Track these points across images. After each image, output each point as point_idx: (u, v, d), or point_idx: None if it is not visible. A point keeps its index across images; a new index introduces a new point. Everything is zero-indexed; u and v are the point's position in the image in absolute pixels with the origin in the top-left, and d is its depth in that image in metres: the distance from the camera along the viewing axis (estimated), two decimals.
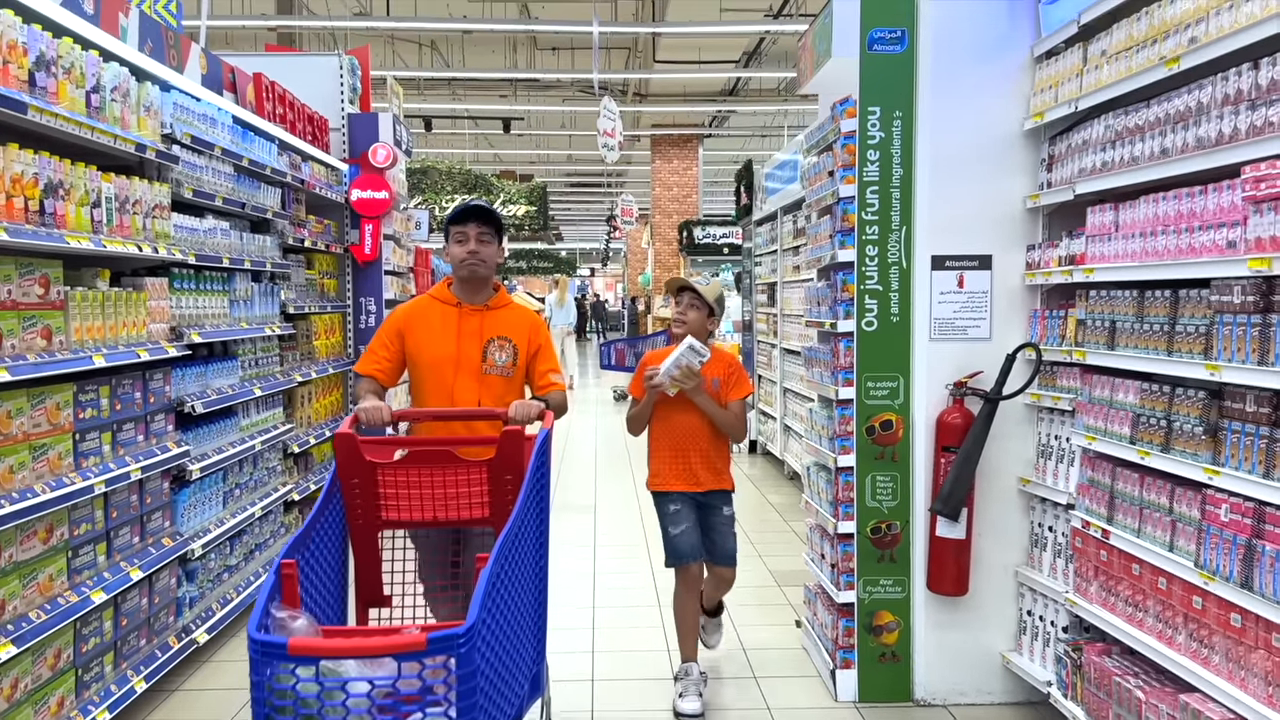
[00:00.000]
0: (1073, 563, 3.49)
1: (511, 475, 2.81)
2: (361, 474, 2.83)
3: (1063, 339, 3.55)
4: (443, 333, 3.34)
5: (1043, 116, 3.61)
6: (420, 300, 3.48)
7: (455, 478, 2.82)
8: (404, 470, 2.84)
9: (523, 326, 3.42)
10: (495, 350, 3.35)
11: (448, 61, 16.26)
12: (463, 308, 3.37)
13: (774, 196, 9.17)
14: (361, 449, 2.81)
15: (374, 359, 3.39)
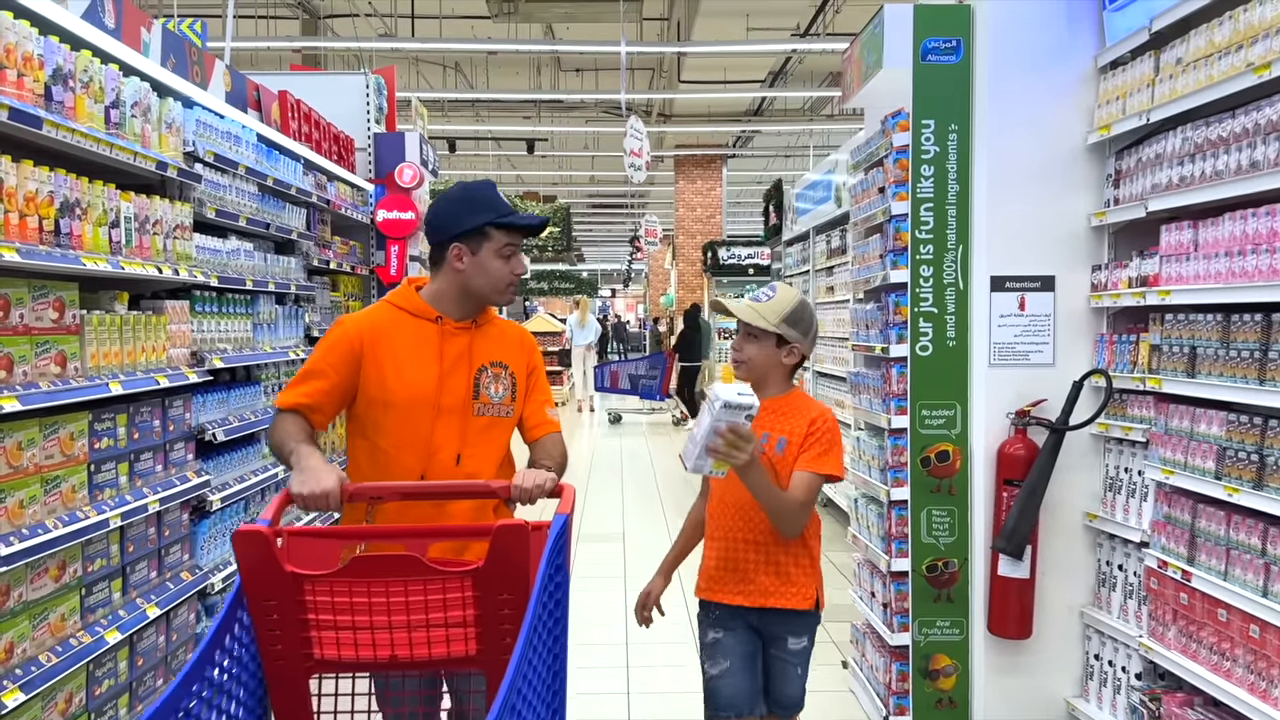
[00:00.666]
0: (1146, 605, 3.26)
1: (511, 591, 1.86)
2: (280, 592, 1.89)
3: (1134, 365, 3.33)
4: (419, 358, 2.44)
5: (1109, 129, 3.41)
6: (380, 311, 2.53)
7: (425, 597, 1.86)
8: (346, 586, 1.87)
9: (518, 346, 2.60)
10: (490, 382, 2.49)
11: (472, 83, 16.20)
12: (444, 324, 2.48)
13: (805, 217, 8.98)
14: (279, 555, 1.92)
15: (307, 388, 2.43)
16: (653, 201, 27.68)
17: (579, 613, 5.54)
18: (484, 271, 2.47)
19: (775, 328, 2.64)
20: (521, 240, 2.52)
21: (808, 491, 2.58)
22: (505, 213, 2.47)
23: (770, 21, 12.80)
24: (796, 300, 2.67)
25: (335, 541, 2.13)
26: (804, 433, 2.62)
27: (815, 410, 2.68)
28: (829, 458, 2.61)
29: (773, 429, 2.65)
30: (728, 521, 2.70)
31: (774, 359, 2.69)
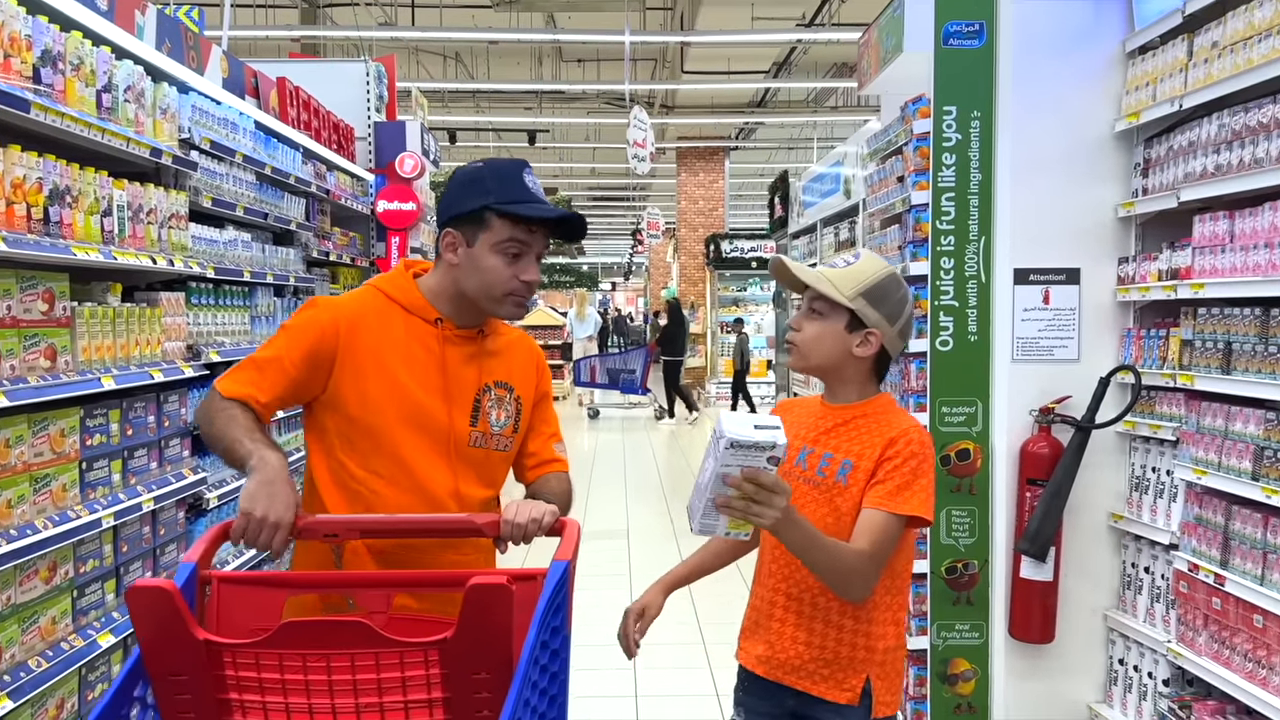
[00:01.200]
0: (1175, 609, 3.15)
1: (488, 668, 1.44)
2: (191, 665, 1.46)
3: (1163, 361, 3.22)
4: (415, 369, 1.97)
5: (1138, 116, 3.29)
6: (365, 299, 2.03)
7: (378, 674, 1.45)
8: (276, 659, 1.44)
9: (528, 366, 2.12)
10: (493, 406, 2.01)
11: (472, 74, 16.05)
12: (445, 328, 1.99)
13: (811, 209, 8.85)
14: (189, 618, 1.46)
15: (264, 380, 1.95)
16: (654, 194, 27.54)
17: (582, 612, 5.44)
18: (477, 269, 1.92)
19: (849, 301, 1.95)
20: (535, 239, 1.94)
21: (877, 540, 1.86)
22: (513, 197, 1.89)
23: (775, 11, 12.66)
24: (886, 272, 1.99)
25: (280, 592, 1.68)
26: (878, 455, 1.92)
27: (899, 425, 1.96)
28: (912, 492, 1.88)
29: (837, 448, 1.99)
30: (767, 557, 2.10)
31: (841, 347, 1.98)
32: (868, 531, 1.87)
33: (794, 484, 1.95)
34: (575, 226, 1.99)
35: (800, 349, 2.02)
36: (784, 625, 2.01)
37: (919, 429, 1.98)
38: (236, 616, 1.62)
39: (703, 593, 5.10)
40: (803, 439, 2.05)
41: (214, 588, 1.63)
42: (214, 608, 1.63)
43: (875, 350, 1.99)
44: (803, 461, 2.02)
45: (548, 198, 2.03)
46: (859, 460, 1.95)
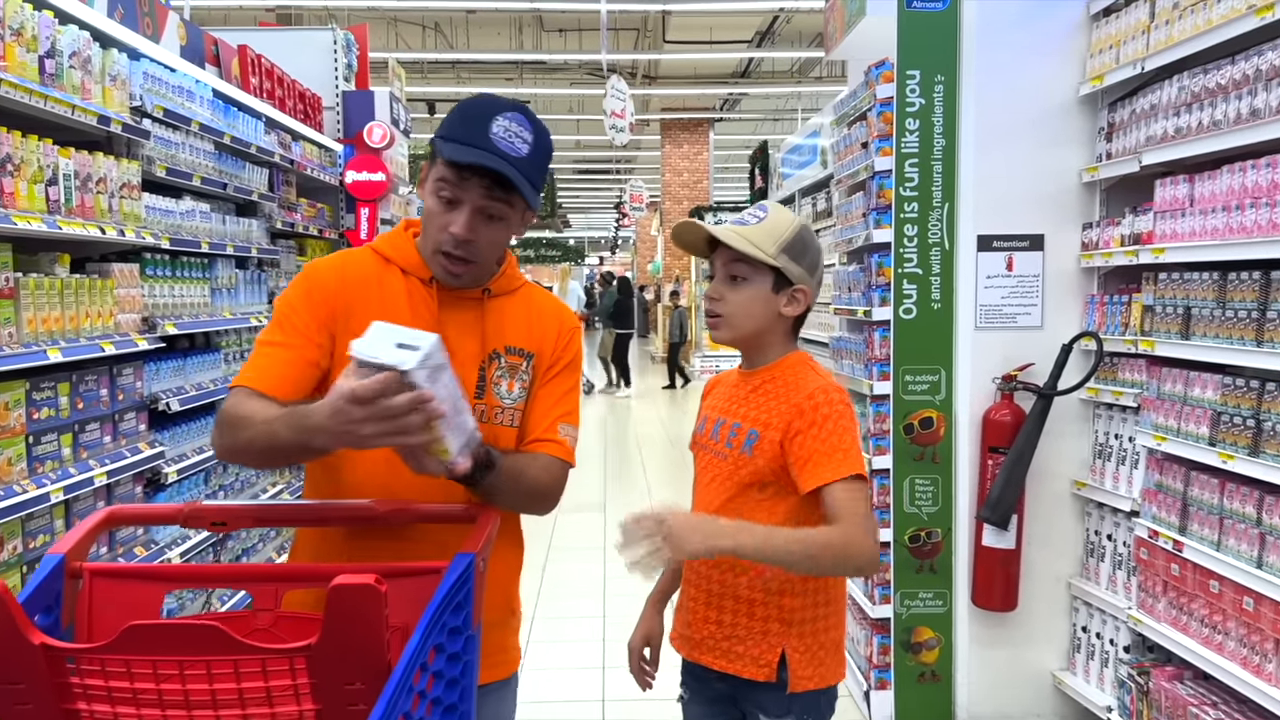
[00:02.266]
0: (1136, 576, 3.15)
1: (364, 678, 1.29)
2: (30, 673, 1.31)
3: (1126, 327, 3.19)
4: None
5: (1101, 80, 3.25)
6: (362, 261, 1.79)
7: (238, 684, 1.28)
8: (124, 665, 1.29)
9: (552, 328, 1.82)
10: (502, 376, 1.76)
11: (452, 44, 15.87)
12: (442, 289, 1.75)
13: (789, 180, 8.79)
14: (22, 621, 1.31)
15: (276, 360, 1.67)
16: (639, 166, 27.37)
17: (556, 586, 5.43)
18: (424, 210, 1.73)
19: (773, 259, 1.82)
20: (467, 190, 1.65)
21: (845, 509, 1.72)
22: (456, 135, 1.64)
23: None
24: (799, 223, 1.88)
25: (160, 586, 1.54)
26: (788, 422, 1.78)
27: (804, 388, 1.81)
28: (844, 452, 1.75)
29: (745, 416, 1.86)
30: None
31: (770, 310, 1.85)
32: (834, 510, 1.74)
33: (706, 458, 1.93)
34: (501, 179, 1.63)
35: (727, 320, 1.88)
36: (695, 604, 1.93)
37: (826, 388, 1.82)
38: (112, 614, 1.47)
39: None
40: (719, 411, 1.96)
41: (87, 582, 1.48)
42: (85, 605, 1.49)
43: (801, 309, 1.88)
44: (715, 434, 1.93)
45: None
46: (765, 430, 1.82)
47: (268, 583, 1.50)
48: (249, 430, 1.54)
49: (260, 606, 1.48)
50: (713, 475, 1.91)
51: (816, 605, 1.89)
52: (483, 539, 1.46)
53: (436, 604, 1.33)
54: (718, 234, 1.86)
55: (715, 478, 1.90)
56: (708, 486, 1.93)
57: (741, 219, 1.88)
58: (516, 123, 1.66)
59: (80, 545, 1.49)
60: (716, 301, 1.89)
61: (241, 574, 1.62)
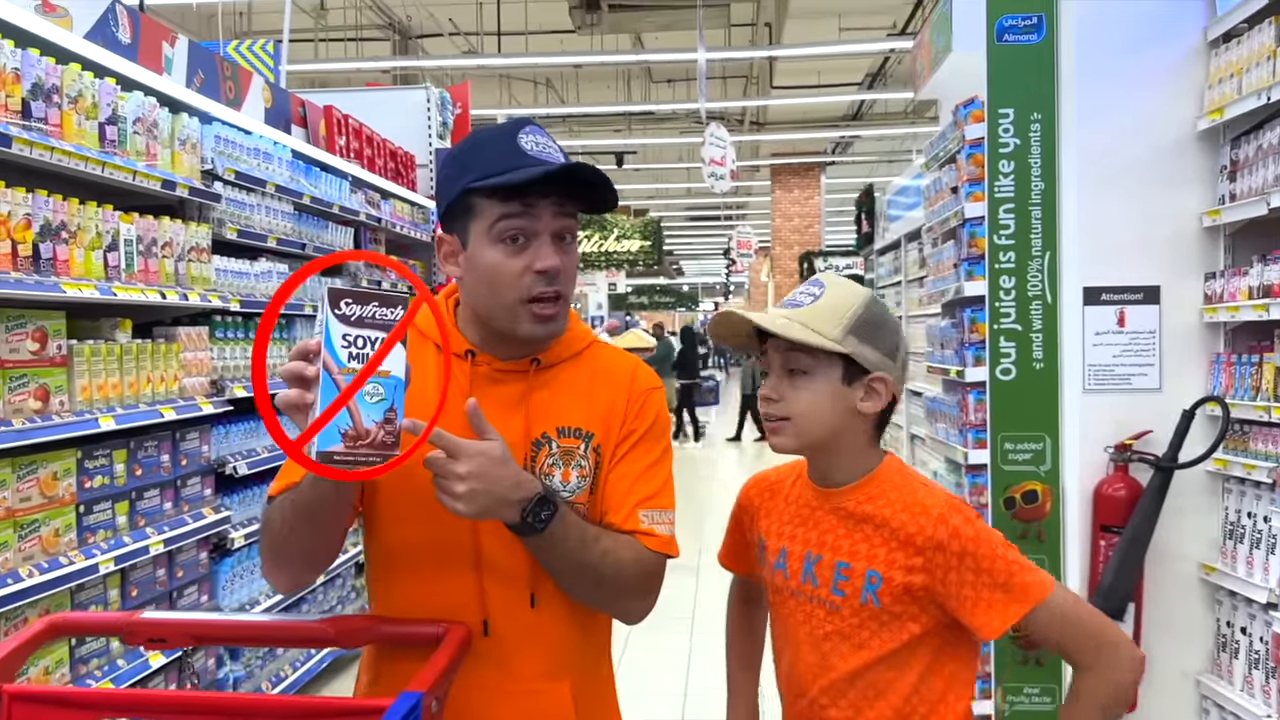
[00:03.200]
0: (1276, 678, 2.73)
1: None
2: None
3: (1257, 391, 2.80)
4: (451, 417, 1.33)
5: (1221, 113, 2.89)
6: None
7: None
8: None
9: (615, 397, 1.52)
10: (555, 465, 1.46)
11: (563, 98, 16.08)
12: (480, 362, 1.48)
13: (896, 224, 8.46)
14: None
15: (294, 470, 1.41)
16: (751, 212, 27.20)
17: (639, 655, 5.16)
18: (479, 275, 1.43)
19: (839, 344, 1.49)
20: (541, 213, 1.41)
21: (1068, 627, 1.48)
22: (497, 166, 1.39)
23: (864, 21, 12.26)
24: (866, 297, 1.54)
25: (88, 715, 1.34)
26: (926, 559, 1.46)
27: (929, 511, 1.48)
28: (1022, 579, 1.46)
29: (853, 553, 1.51)
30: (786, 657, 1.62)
31: (844, 407, 1.51)
32: (1052, 634, 1.48)
33: (802, 608, 1.54)
34: (588, 182, 1.42)
35: (793, 424, 1.51)
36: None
37: (952, 505, 1.49)
38: None
39: None
40: (802, 541, 1.56)
41: (4, 707, 1.30)
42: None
43: (886, 402, 1.52)
44: (809, 574, 1.52)
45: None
46: (889, 570, 1.47)
47: (207, 715, 1.30)
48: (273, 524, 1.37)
49: None
50: (825, 634, 1.52)
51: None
52: (438, 673, 1.21)
53: None
54: (763, 323, 1.51)
55: (829, 636, 1.51)
56: (817, 649, 1.53)
57: (793, 299, 1.55)
58: (539, 134, 1.45)
59: (8, 661, 1.31)
60: (774, 403, 1.52)
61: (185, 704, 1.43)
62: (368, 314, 1.22)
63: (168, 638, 1.40)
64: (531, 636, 1.43)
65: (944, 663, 1.52)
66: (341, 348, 1.20)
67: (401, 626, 1.38)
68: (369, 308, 1.22)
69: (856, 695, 1.50)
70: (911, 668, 1.50)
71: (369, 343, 1.21)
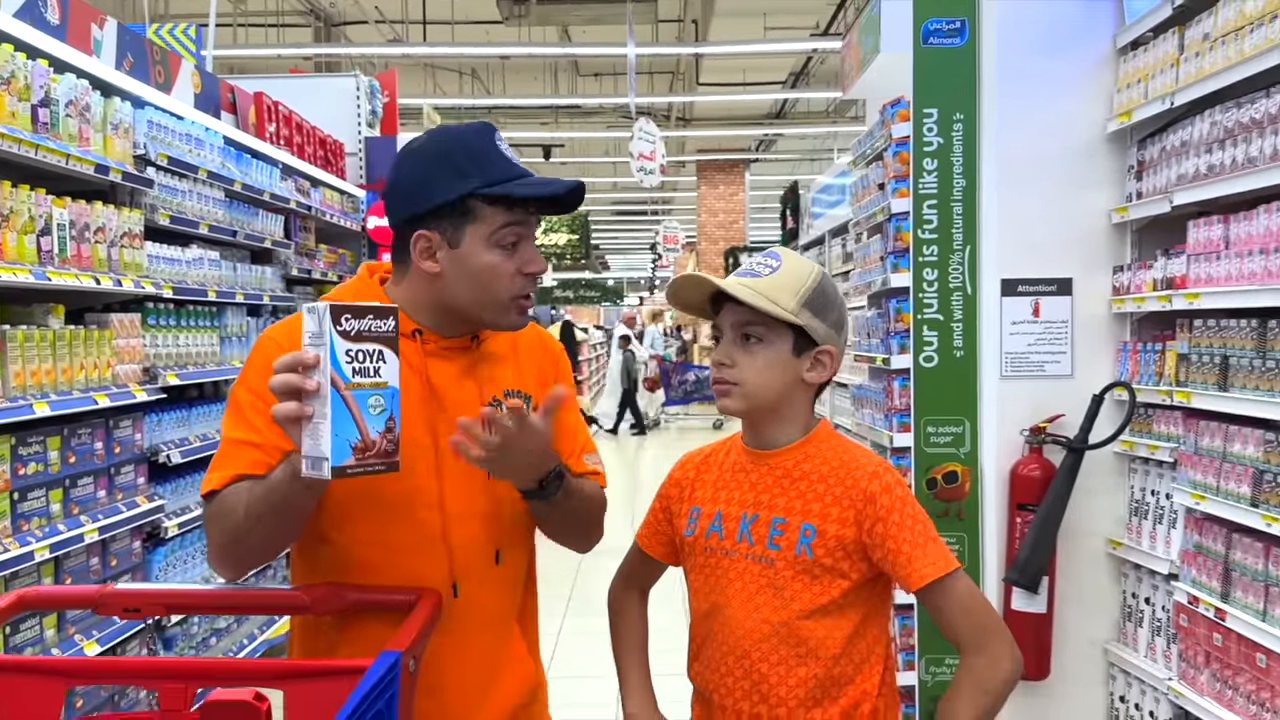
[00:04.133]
0: (1176, 644, 2.92)
1: None
2: None
3: (1160, 377, 3.00)
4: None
5: (1130, 116, 3.08)
6: None
7: None
8: None
9: (543, 363, 1.73)
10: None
11: (488, 89, 16.01)
12: (428, 340, 1.59)
13: (820, 220, 8.66)
14: None
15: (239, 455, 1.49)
16: (676, 207, 27.38)
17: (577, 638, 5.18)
18: (469, 273, 1.52)
19: (794, 315, 1.57)
20: (532, 220, 1.57)
21: (968, 607, 1.56)
22: (502, 175, 1.51)
23: (788, 20, 12.50)
24: (819, 272, 1.62)
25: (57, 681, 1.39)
26: (855, 518, 1.56)
27: (863, 468, 1.59)
28: (932, 550, 1.54)
29: (788, 509, 1.59)
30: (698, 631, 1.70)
31: (792, 376, 1.60)
32: (955, 614, 1.54)
33: (737, 566, 1.60)
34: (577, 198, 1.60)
35: (742, 389, 1.58)
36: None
37: (883, 465, 1.60)
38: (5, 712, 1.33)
39: None
40: (738, 503, 1.63)
41: None
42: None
43: (831, 373, 1.62)
44: (745, 534, 1.60)
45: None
46: (823, 524, 1.55)
47: (179, 680, 1.32)
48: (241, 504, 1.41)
49: (167, 707, 1.32)
50: (759, 587, 1.58)
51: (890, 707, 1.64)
52: (415, 633, 1.28)
53: (347, 713, 1.14)
54: (727, 288, 1.58)
55: (763, 589, 1.58)
56: (750, 602, 1.59)
57: (751, 269, 1.62)
58: (500, 137, 1.59)
59: None
60: (727, 368, 1.60)
61: (152, 669, 1.48)
62: (365, 328, 1.29)
63: (142, 607, 1.43)
64: (496, 588, 1.59)
65: (869, 627, 1.61)
66: (345, 363, 1.28)
67: (373, 594, 1.44)
68: (366, 321, 1.29)
69: (788, 652, 1.57)
70: (840, 628, 1.58)
71: (369, 356, 1.29)
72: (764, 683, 1.58)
